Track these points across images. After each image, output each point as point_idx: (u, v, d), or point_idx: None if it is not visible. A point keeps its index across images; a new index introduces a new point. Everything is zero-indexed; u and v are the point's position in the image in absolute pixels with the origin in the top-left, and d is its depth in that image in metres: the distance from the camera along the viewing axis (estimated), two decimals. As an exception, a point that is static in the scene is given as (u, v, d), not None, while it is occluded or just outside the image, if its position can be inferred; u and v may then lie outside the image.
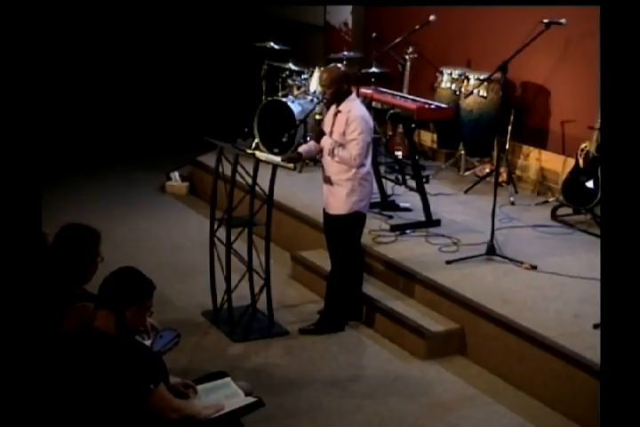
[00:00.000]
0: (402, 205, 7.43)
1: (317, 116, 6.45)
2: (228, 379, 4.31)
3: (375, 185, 6.83)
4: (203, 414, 3.93)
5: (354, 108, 5.84)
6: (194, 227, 8.08)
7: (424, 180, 7.18)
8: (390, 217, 7.18)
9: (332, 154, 5.88)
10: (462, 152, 8.56)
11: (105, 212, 8.38)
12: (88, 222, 4.44)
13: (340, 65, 6.12)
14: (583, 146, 7.10)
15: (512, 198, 7.75)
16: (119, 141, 10.75)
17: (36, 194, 3.65)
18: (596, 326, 5.27)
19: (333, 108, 5.95)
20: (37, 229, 3.79)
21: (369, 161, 5.95)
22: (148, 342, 4.30)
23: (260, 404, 4.15)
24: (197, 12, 11.91)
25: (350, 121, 5.77)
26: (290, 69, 9.49)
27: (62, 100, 11.14)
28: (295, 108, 8.71)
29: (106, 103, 11.38)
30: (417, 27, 7.44)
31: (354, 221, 6.01)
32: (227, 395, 4.18)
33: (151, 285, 3.90)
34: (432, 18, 7.47)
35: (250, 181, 6.07)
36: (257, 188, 6.07)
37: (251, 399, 4.17)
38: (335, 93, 5.86)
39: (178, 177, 9.42)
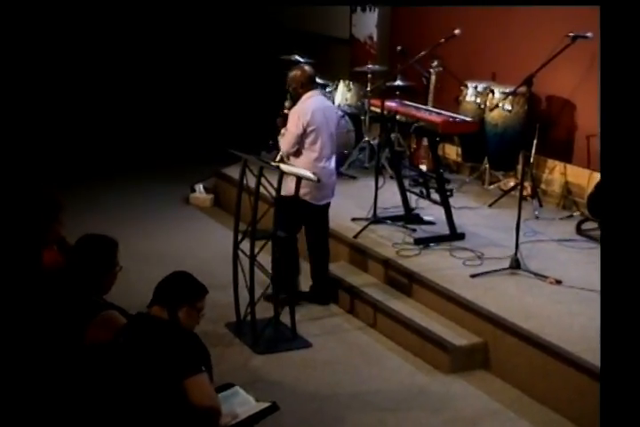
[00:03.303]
0: (426, 218, 7.41)
1: (286, 111, 6.78)
2: (236, 388, 4.33)
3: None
4: (222, 423, 3.94)
5: (299, 104, 6.54)
6: (218, 239, 8.09)
7: (448, 193, 7.15)
8: (414, 230, 7.16)
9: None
10: (487, 166, 8.53)
11: (129, 223, 8.43)
12: (112, 233, 4.47)
13: (306, 67, 6.67)
14: (609, 160, 7.06)
15: (537, 212, 7.71)
16: (144, 153, 10.81)
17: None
18: (621, 342, 5.23)
19: None
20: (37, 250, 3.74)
21: (313, 154, 6.50)
22: None
23: (275, 408, 4.17)
24: (224, 25, 11.99)
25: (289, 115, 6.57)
26: (315, 82, 9.51)
27: (89, 113, 11.25)
28: (319, 120, 8.72)
29: (133, 116, 11.47)
30: (442, 40, 7.45)
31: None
32: (238, 402, 4.20)
33: (202, 287, 4.15)
34: (457, 31, 7.47)
35: (274, 193, 6.08)
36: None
37: (264, 404, 4.18)
38: (293, 92, 6.63)
39: (202, 189, 9.45)
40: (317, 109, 6.50)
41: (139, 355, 3.87)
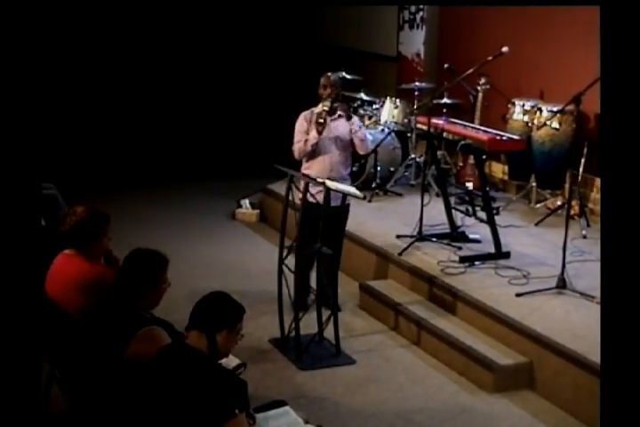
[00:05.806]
0: (471, 236, 7.37)
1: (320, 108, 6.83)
2: (287, 407, 4.32)
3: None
4: None
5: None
6: (263, 254, 8.12)
7: (494, 211, 7.12)
8: (459, 248, 7.13)
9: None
10: (533, 184, 8.48)
11: (175, 237, 8.49)
12: (157, 247, 4.50)
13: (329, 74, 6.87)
14: (658, 179, 6.98)
15: (584, 232, 7.64)
16: (190, 168, 10.91)
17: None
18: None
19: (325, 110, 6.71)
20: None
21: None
22: None
23: None
24: (274, 42, 12.10)
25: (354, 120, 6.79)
26: (361, 99, 9.55)
27: (138, 127, 11.39)
28: (366, 137, 8.74)
29: (180, 130, 11.60)
30: (489, 58, 7.42)
31: None
32: (287, 423, 4.19)
33: (241, 308, 3.98)
34: (505, 49, 7.44)
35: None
36: (327, 216, 6.10)
37: None
38: (337, 96, 6.76)
39: (248, 204, 9.50)
40: None
41: (173, 392, 3.74)
